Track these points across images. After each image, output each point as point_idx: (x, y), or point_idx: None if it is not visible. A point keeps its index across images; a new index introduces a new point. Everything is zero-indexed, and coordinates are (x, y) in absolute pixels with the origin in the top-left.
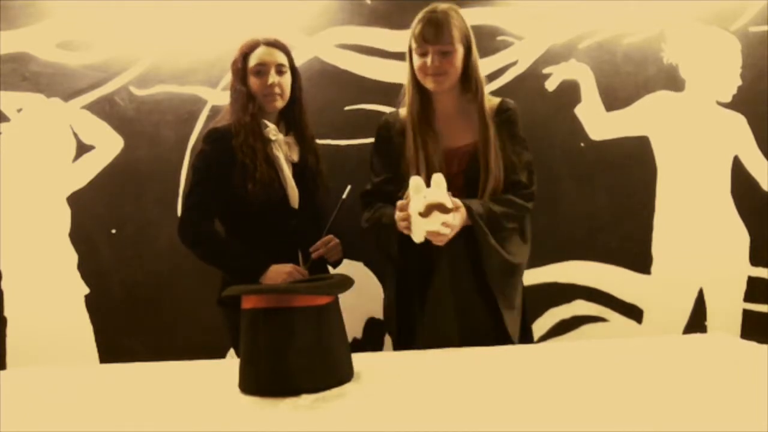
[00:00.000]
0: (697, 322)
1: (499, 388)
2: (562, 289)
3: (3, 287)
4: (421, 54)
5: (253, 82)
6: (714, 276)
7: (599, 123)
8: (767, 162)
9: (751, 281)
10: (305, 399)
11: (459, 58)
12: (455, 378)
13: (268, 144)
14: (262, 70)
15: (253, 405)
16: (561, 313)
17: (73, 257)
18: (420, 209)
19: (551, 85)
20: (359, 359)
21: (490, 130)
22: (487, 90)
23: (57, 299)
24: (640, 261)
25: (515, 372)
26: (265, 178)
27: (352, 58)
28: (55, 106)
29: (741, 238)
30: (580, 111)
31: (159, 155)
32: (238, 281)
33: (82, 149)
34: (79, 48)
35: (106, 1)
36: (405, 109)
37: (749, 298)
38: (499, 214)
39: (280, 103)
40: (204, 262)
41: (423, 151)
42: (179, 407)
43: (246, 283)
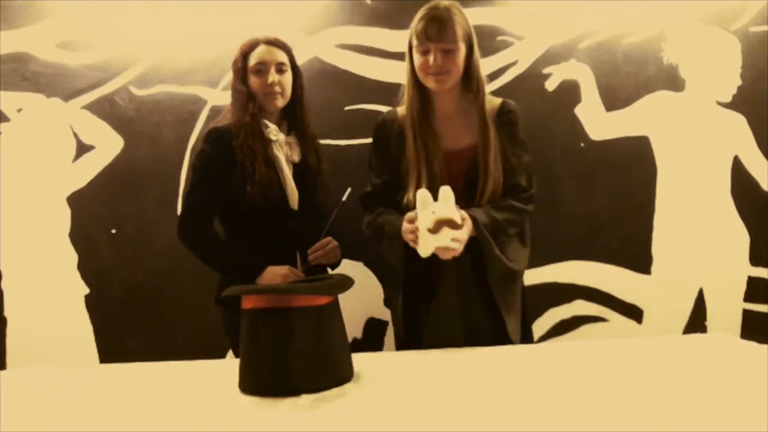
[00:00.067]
0: (697, 322)
1: (500, 388)
2: (562, 289)
3: (3, 287)
4: (423, 52)
5: (254, 81)
6: (714, 276)
7: (599, 123)
8: (767, 162)
9: (751, 281)
10: (305, 399)
11: (461, 56)
12: (455, 378)
13: (268, 144)
14: (262, 69)
15: (253, 405)
16: (561, 313)
17: (73, 257)
18: (429, 225)
19: (551, 85)
20: (359, 359)
21: (490, 131)
22: (487, 90)
23: (57, 299)
24: (640, 261)
25: (515, 372)
26: (264, 179)
27: (352, 58)
28: (55, 106)
29: (741, 238)
30: (580, 111)
31: (159, 155)
32: (235, 282)
33: (82, 149)
34: (79, 48)
35: (106, 1)
36: (403, 108)
37: (749, 298)
38: (501, 221)
39: (280, 102)
40: (203, 262)
41: (423, 152)
42: (179, 407)
43: (242, 285)
